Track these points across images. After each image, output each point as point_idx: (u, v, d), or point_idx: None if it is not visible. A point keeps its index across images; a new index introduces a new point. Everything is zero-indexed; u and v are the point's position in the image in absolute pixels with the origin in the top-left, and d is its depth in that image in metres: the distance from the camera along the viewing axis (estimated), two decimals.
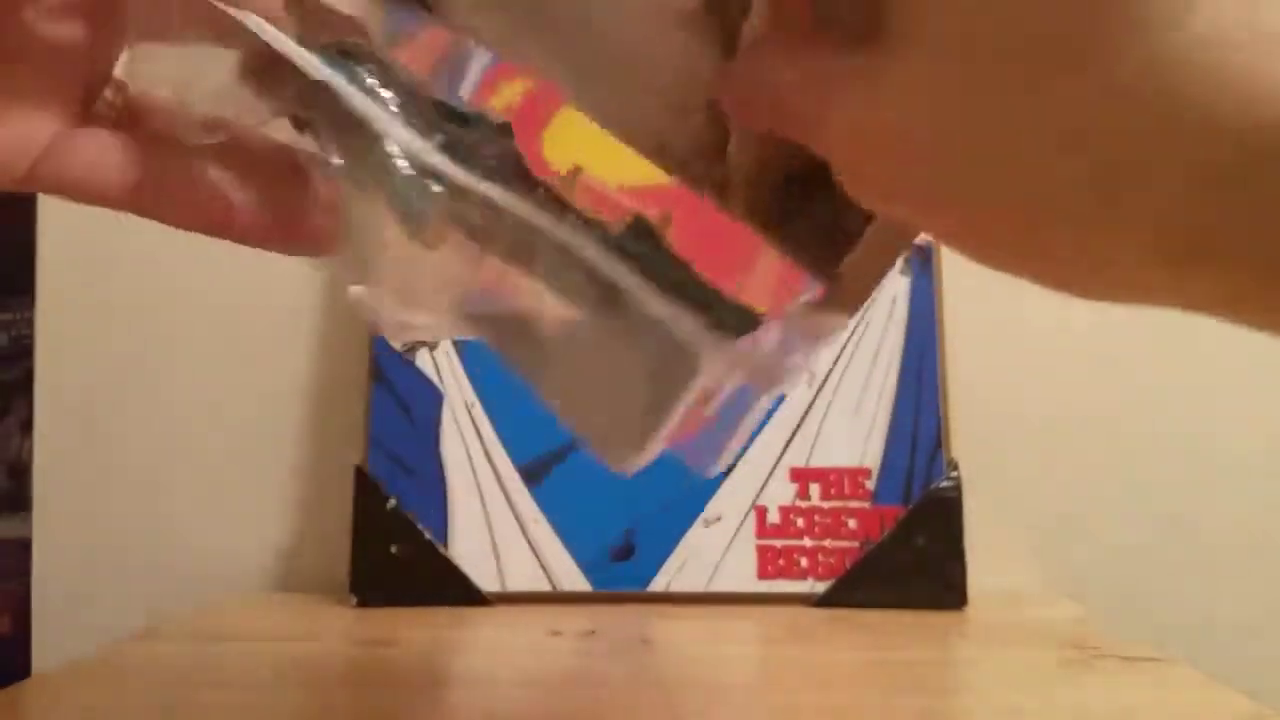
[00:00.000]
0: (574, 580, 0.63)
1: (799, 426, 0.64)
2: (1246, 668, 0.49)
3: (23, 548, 0.68)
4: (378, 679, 0.47)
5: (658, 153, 0.25)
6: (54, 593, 0.68)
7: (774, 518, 0.64)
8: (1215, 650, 0.55)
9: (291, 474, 0.70)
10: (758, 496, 0.64)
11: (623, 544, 0.63)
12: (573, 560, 0.63)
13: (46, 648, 0.68)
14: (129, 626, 0.56)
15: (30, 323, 0.69)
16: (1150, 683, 0.48)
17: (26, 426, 0.68)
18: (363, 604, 0.62)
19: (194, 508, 0.70)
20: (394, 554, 0.62)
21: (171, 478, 0.70)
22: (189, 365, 0.71)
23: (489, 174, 0.24)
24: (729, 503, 0.64)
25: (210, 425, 0.71)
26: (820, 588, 0.62)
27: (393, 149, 0.23)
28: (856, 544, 0.63)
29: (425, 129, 0.24)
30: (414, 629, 0.57)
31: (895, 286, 0.66)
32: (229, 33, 0.24)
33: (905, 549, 0.62)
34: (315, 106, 0.24)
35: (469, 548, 0.63)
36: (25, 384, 0.68)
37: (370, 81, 0.24)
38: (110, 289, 0.71)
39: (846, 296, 0.26)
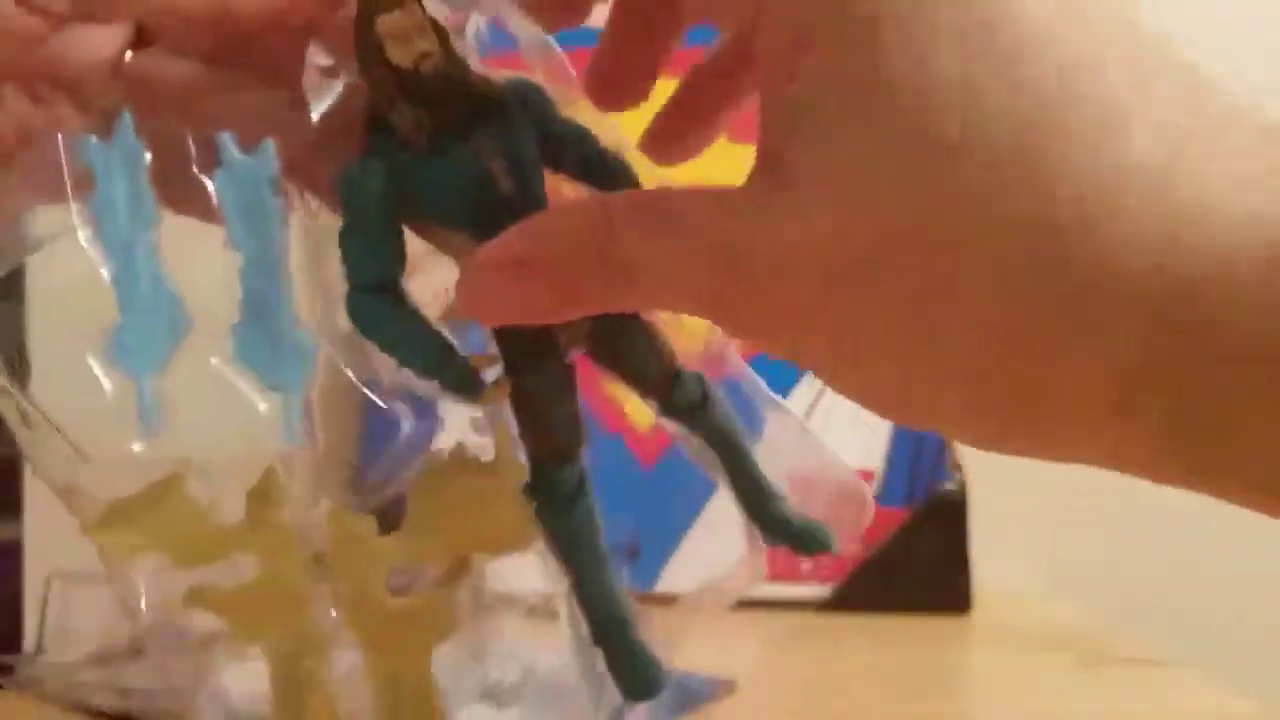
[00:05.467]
0: None
1: None
2: (1249, 668, 0.48)
3: (13, 549, 0.67)
4: None
5: None
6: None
7: None
8: (1217, 651, 0.55)
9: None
10: None
11: (627, 545, 0.63)
12: None
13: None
14: (123, 629, 0.56)
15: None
16: (1154, 685, 0.48)
17: None
18: None
19: None
20: None
21: None
22: (185, 364, 0.70)
23: None
24: (732, 504, 0.63)
25: (207, 426, 0.70)
26: (824, 590, 0.62)
27: None
28: (860, 547, 0.63)
29: None
30: None
31: None
32: None
33: (909, 552, 0.62)
34: None
35: None
36: None
37: None
38: (103, 288, 0.70)
39: None
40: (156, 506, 0.24)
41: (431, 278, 0.24)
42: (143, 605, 0.24)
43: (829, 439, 0.28)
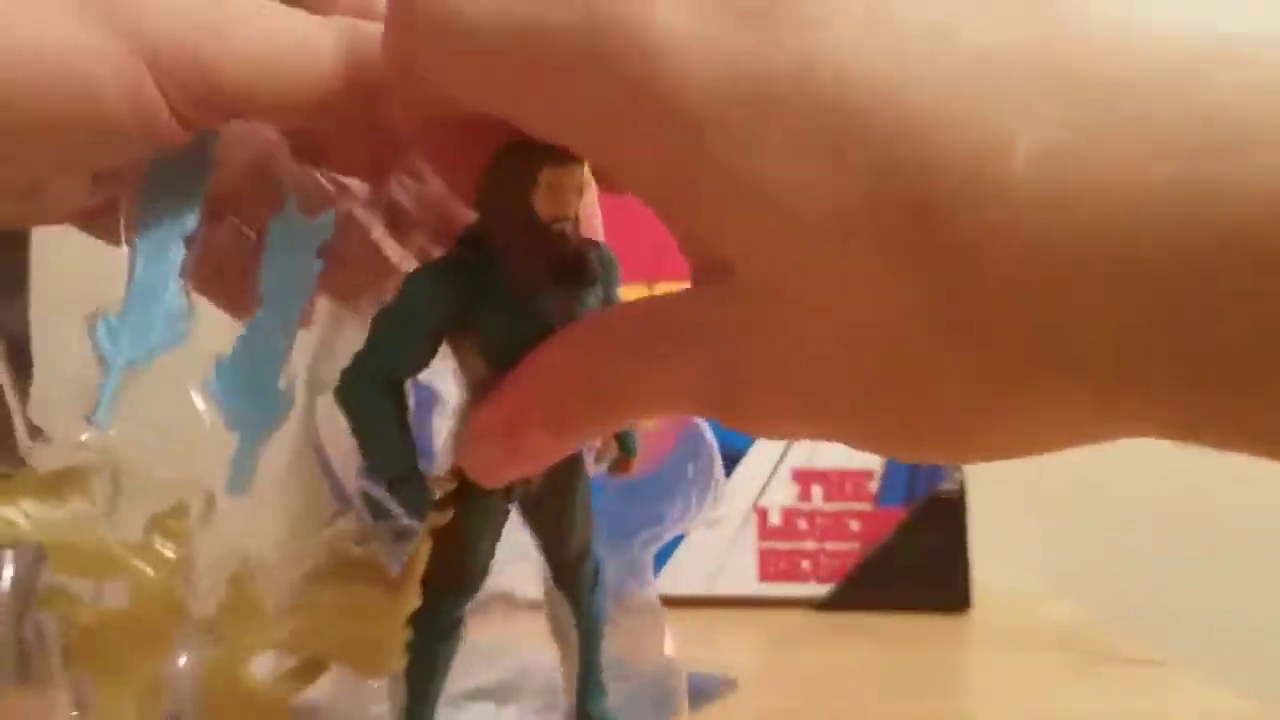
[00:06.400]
0: None
1: None
2: (1249, 669, 0.48)
3: None
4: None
5: None
6: None
7: (775, 520, 0.63)
8: (1217, 651, 0.55)
9: (288, 473, 0.70)
10: (759, 498, 0.63)
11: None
12: None
13: None
14: None
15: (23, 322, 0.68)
16: (1154, 685, 0.48)
17: None
18: None
19: None
20: None
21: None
22: (185, 364, 0.70)
23: None
24: (730, 504, 0.63)
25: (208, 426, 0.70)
26: (822, 590, 0.62)
27: None
28: (859, 546, 0.63)
29: None
30: None
31: None
32: None
33: (908, 551, 0.62)
34: None
35: None
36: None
37: None
38: (108, 277, 0.71)
39: None
40: (48, 493, 0.22)
41: None
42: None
43: (828, 441, 0.28)
